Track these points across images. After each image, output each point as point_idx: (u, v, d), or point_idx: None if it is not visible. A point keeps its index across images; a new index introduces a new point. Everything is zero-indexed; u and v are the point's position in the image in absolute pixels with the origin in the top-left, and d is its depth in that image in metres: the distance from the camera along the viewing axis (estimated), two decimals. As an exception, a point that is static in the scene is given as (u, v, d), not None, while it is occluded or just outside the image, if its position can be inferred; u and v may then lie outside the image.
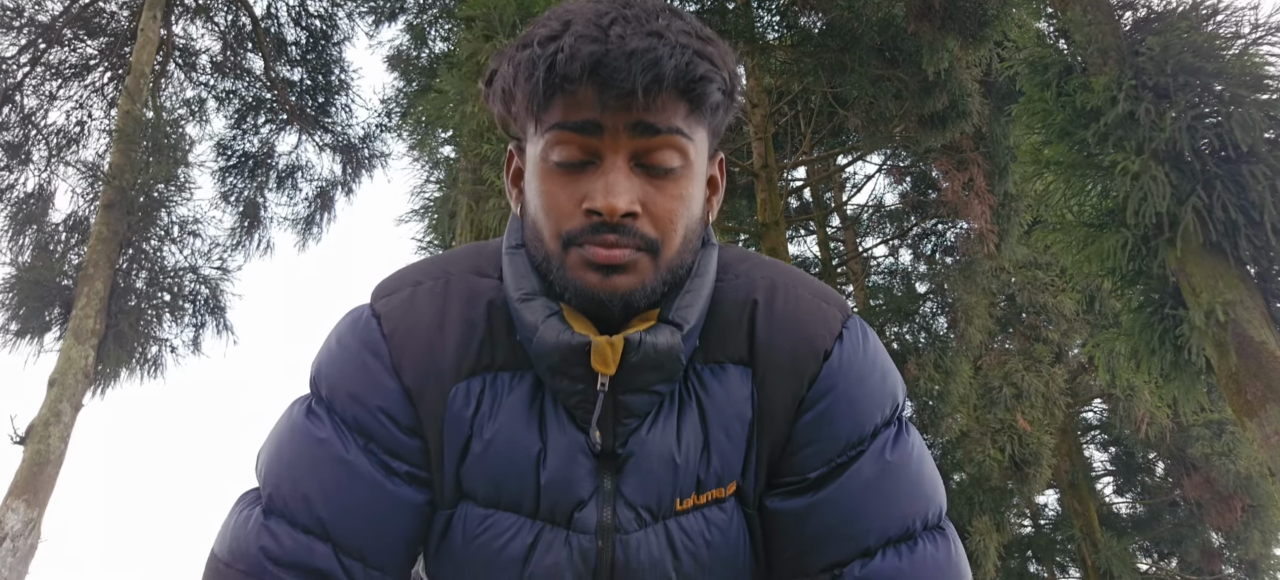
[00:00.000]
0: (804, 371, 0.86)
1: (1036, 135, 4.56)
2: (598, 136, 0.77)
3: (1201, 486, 9.86)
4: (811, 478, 0.87)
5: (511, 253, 0.87)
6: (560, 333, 0.80)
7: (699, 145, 0.82)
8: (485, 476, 0.85)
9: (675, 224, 0.80)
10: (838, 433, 0.86)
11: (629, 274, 0.78)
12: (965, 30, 6.24)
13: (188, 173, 6.75)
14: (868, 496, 0.85)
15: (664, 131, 0.77)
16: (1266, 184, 3.79)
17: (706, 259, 0.87)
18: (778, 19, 7.77)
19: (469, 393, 0.85)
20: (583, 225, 0.78)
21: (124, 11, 8.73)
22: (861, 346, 0.89)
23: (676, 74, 0.75)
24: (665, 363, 0.81)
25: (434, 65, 7.53)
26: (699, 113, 0.80)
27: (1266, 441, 3.69)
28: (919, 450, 0.90)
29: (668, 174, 0.79)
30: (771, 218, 7.48)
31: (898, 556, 0.85)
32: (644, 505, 0.85)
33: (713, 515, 0.87)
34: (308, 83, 9.62)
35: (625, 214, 0.77)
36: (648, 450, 0.84)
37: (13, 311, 6.43)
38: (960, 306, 8.25)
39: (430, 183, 6.24)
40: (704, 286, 0.85)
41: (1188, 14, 4.22)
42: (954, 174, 8.28)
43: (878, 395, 0.88)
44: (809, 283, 0.92)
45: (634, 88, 0.73)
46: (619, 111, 0.75)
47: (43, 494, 5.13)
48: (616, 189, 0.76)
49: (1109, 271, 4.30)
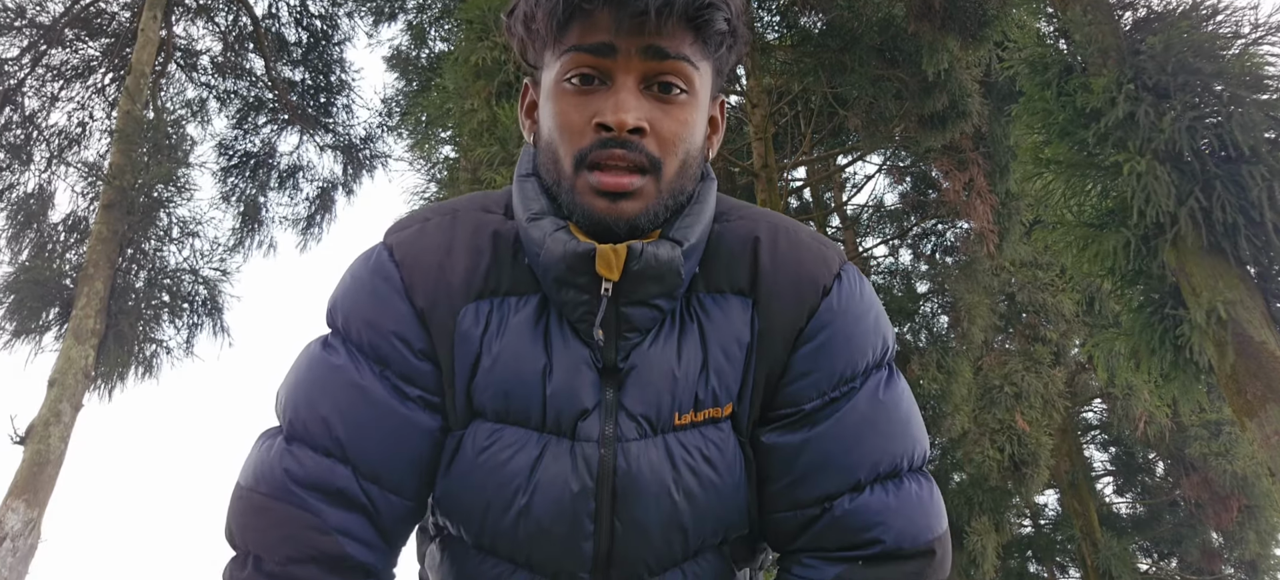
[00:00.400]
0: (804, 303, 0.90)
1: (1037, 135, 4.56)
2: (611, 57, 0.82)
3: (1199, 487, 9.86)
4: (806, 409, 0.90)
5: (522, 180, 0.92)
6: (566, 242, 0.84)
7: (703, 76, 0.87)
8: (493, 390, 0.88)
9: (678, 145, 0.85)
10: (834, 365, 0.90)
11: (634, 200, 0.83)
12: (965, 30, 6.24)
13: (188, 173, 6.75)
14: (862, 431, 0.89)
15: (673, 56, 0.82)
16: (1266, 184, 3.79)
17: (706, 190, 0.92)
18: (778, 19, 7.77)
19: (477, 313, 0.89)
20: (593, 141, 0.83)
21: (125, 12, 8.74)
22: (858, 289, 0.94)
23: (686, 1, 0.80)
24: (666, 274, 0.85)
25: (434, 65, 7.53)
26: (705, 44, 0.85)
27: (1266, 441, 3.69)
28: (908, 395, 0.95)
29: (674, 97, 0.84)
30: (771, 218, 7.47)
31: (886, 492, 0.89)
32: (643, 415, 0.87)
33: (710, 433, 0.90)
34: (309, 83, 9.62)
35: (633, 130, 0.82)
36: (649, 363, 0.88)
37: (13, 311, 6.43)
38: (962, 306, 8.25)
39: (432, 184, 6.25)
40: (704, 212, 0.90)
41: (1188, 14, 4.22)
42: (954, 174, 8.28)
43: (872, 335, 0.93)
44: (807, 229, 0.97)
45: (647, 9, 0.79)
46: (631, 34, 0.81)
47: (43, 494, 5.13)
48: (625, 105, 0.81)
49: (1109, 271, 4.30)
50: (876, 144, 8.50)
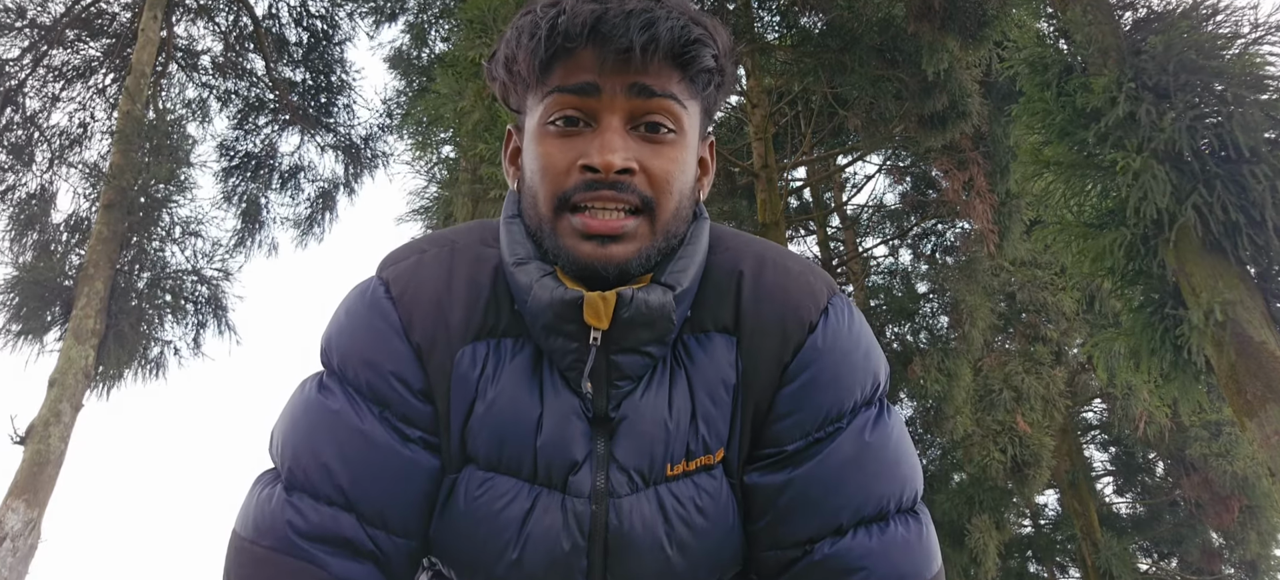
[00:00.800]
0: (789, 340, 0.87)
1: (1036, 135, 4.56)
2: (595, 97, 0.80)
3: (1199, 487, 9.86)
4: (790, 450, 0.87)
5: (508, 222, 0.89)
6: (553, 289, 0.81)
7: (692, 116, 0.85)
8: (487, 437, 0.86)
9: (671, 184, 0.82)
10: (819, 405, 0.87)
11: (625, 243, 0.80)
12: (965, 30, 6.24)
13: (189, 173, 6.75)
14: (845, 474, 0.86)
15: (660, 94, 0.80)
16: (1267, 184, 3.79)
17: (699, 230, 0.89)
18: (778, 19, 7.77)
19: (474, 356, 0.87)
20: (578, 182, 0.80)
21: (125, 13, 8.74)
22: (846, 322, 0.90)
23: (672, 38, 0.78)
24: (657, 321, 0.82)
25: (434, 65, 7.54)
26: (692, 82, 0.83)
27: (1266, 441, 3.69)
28: (898, 432, 0.91)
29: (662, 137, 0.82)
30: (771, 218, 7.48)
31: (868, 536, 0.86)
32: (635, 468, 0.85)
33: (702, 481, 0.87)
34: (309, 83, 9.62)
35: (622, 171, 0.79)
36: (640, 413, 0.85)
37: (13, 311, 6.44)
38: (964, 307, 8.25)
39: (432, 184, 6.25)
40: (697, 254, 0.87)
41: (1188, 14, 4.22)
42: (954, 174, 8.28)
43: (860, 372, 0.89)
44: (797, 259, 0.93)
45: (631, 46, 0.77)
46: (616, 73, 0.79)
47: (43, 494, 5.14)
48: (612, 145, 0.79)
49: (1109, 271, 4.30)
50: (876, 144, 8.50)
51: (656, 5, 0.79)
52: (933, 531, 0.91)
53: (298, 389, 0.91)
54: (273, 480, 0.87)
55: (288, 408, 0.90)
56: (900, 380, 8.42)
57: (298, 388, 0.91)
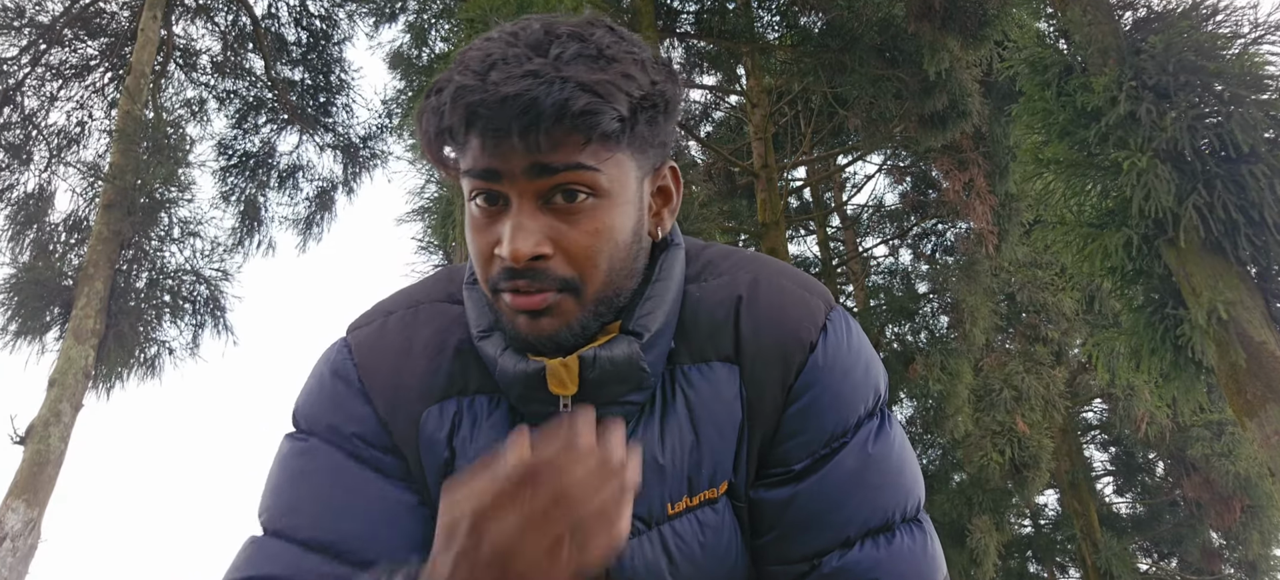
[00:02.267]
0: (791, 362, 0.86)
1: (1037, 135, 4.56)
2: (498, 182, 0.76)
3: (1201, 487, 9.86)
4: (796, 469, 0.87)
5: (469, 287, 0.88)
6: (516, 363, 0.80)
7: (615, 171, 0.78)
8: None
9: (594, 259, 0.78)
10: (823, 424, 0.86)
11: (552, 317, 0.78)
12: (965, 30, 6.23)
13: (188, 172, 6.75)
14: (849, 488, 0.86)
15: (562, 169, 0.74)
16: (1267, 184, 3.79)
17: (669, 262, 0.87)
18: (778, 19, 7.77)
19: (442, 415, 0.86)
20: (499, 271, 0.78)
21: (124, 12, 8.74)
22: (846, 338, 0.89)
23: (557, 112, 0.71)
24: (628, 374, 0.81)
25: (434, 65, 7.53)
26: (609, 139, 0.76)
27: (1267, 442, 3.69)
28: (900, 442, 0.91)
29: (581, 204, 0.76)
30: (771, 218, 7.48)
31: (876, 547, 0.86)
32: (635, 514, 0.84)
33: (705, 517, 0.87)
34: (308, 83, 9.62)
35: (534, 257, 0.75)
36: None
37: (14, 312, 6.43)
38: (964, 307, 8.25)
39: (430, 183, 6.25)
40: (667, 291, 0.84)
41: (1188, 14, 4.22)
42: (954, 174, 8.28)
43: (862, 387, 0.89)
44: (791, 273, 0.92)
45: (511, 134, 0.72)
46: (514, 155, 0.74)
47: (43, 494, 5.13)
48: (519, 233, 0.75)
49: (1109, 271, 4.30)
50: (876, 144, 8.50)
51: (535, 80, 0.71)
52: (936, 540, 0.91)
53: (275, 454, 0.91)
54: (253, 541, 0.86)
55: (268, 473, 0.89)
56: (900, 380, 8.42)
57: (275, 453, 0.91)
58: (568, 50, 0.74)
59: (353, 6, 9.40)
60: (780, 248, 7.41)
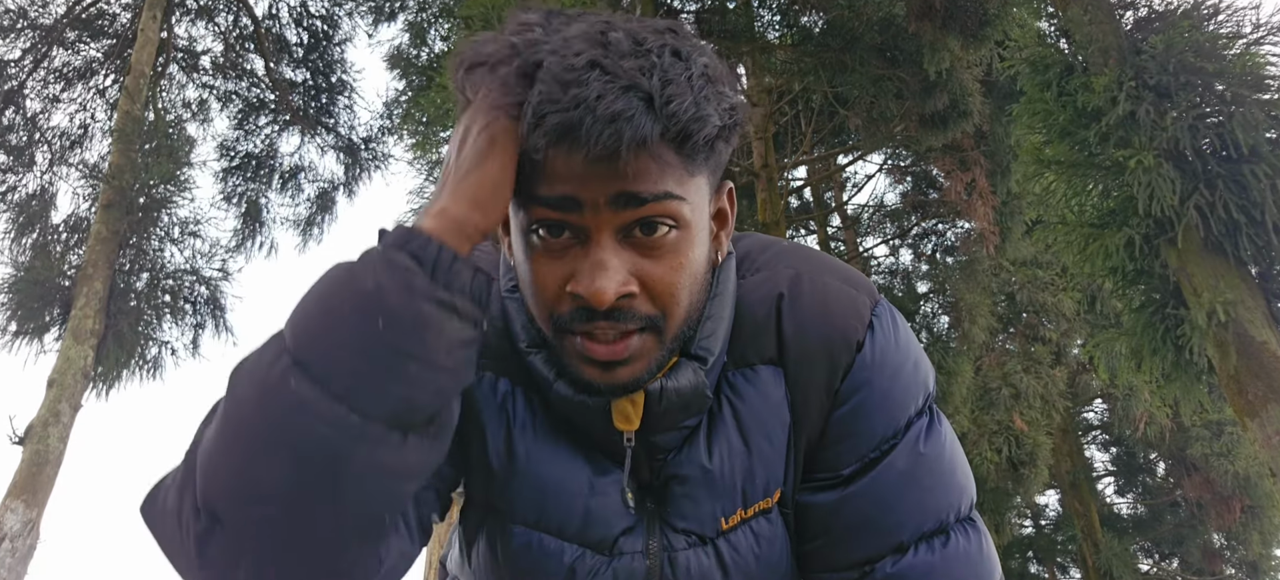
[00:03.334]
0: (837, 364, 0.82)
1: (1038, 135, 4.55)
2: (577, 213, 0.68)
3: (1201, 487, 9.85)
4: (845, 474, 0.83)
5: (509, 296, 0.83)
6: (575, 396, 0.77)
7: (696, 197, 0.72)
8: (528, 497, 0.83)
9: (677, 295, 0.72)
10: (873, 427, 0.82)
11: (631, 365, 0.72)
12: (966, 30, 6.22)
13: (188, 173, 6.75)
14: (902, 489, 0.82)
15: (650, 200, 0.68)
16: (1268, 183, 3.78)
17: (724, 275, 0.82)
18: (778, 18, 7.76)
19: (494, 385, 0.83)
20: (572, 310, 0.71)
21: (126, 14, 8.74)
22: (893, 336, 0.84)
23: (662, 131, 0.65)
24: (692, 402, 0.78)
25: (434, 64, 7.53)
26: (693, 162, 0.70)
27: (1268, 442, 3.68)
28: (951, 441, 0.86)
29: (663, 238, 0.70)
30: (772, 217, 7.47)
31: (931, 551, 0.82)
32: (687, 529, 0.83)
33: (760, 528, 0.84)
34: (309, 83, 9.62)
35: (621, 297, 0.69)
36: (687, 473, 0.82)
37: (13, 312, 6.43)
38: (964, 306, 8.24)
39: (430, 182, 6.24)
40: (725, 307, 0.81)
41: (1189, 13, 4.21)
42: (955, 173, 8.27)
43: (911, 386, 0.84)
44: (834, 268, 0.86)
45: (611, 155, 0.64)
46: (599, 182, 0.66)
47: (42, 494, 5.13)
48: (603, 271, 0.68)
49: (1110, 271, 4.29)
50: (877, 143, 8.49)
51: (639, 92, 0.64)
52: (990, 540, 0.87)
53: None
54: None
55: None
56: (901, 380, 8.40)
57: None
58: (663, 60, 0.66)
59: (352, 5, 9.39)
60: (781, 248, 7.39)
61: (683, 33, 0.71)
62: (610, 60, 0.64)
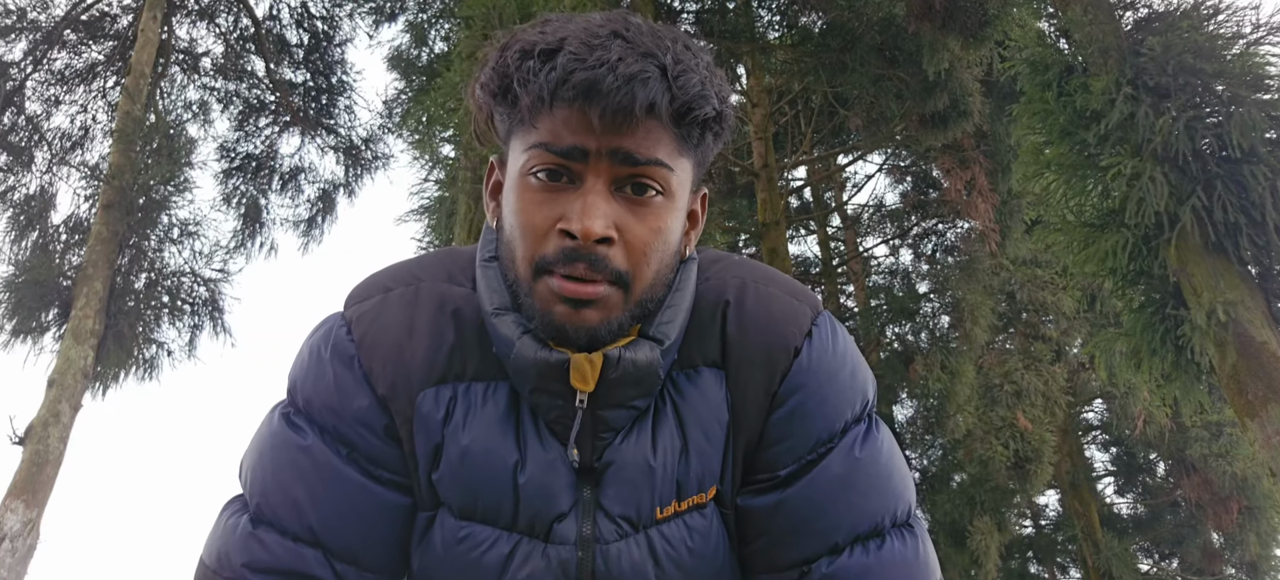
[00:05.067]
0: (775, 367, 0.86)
1: (1037, 135, 4.55)
2: (581, 162, 0.76)
3: (1200, 487, 9.85)
4: (782, 475, 0.86)
5: (485, 266, 0.87)
6: (537, 350, 0.80)
7: (681, 177, 0.80)
8: (461, 486, 0.85)
9: (649, 256, 0.79)
10: (809, 429, 0.86)
11: (598, 309, 0.77)
12: (966, 30, 6.23)
13: (188, 174, 6.75)
14: (836, 493, 0.85)
15: (644, 162, 0.76)
16: (1267, 184, 3.78)
17: (686, 274, 0.87)
18: (778, 18, 7.77)
19: (438, 398, 0.85)
20: (557, 249, 0.77)
21: (127, 16, 8.74)
22: (831, 343, 0.88)
23: (670, 100, 0.74)
24: (645, 378, 0.81)
25: (434, 65, 7.53)
26: (685, 143, 0.79)
27: (1268, 442, 3.68)
28: (889, 447, 0.90)
29: (648, 200, 0.78)
30: (772, 217, 7.47)
31: (866, 553, 0.85)
32: (623, 516, 0.85)
33: (693, 521, 0.87)
34: (310, 84, 9.62)
35: (600, 240, 0.75)
36: (625, 460, 0.85)
37: (13, 312, 6.43)
38: (965, 306, 8.24)
39: (429, 182, 6.25)
40: (684, 300, 0.85)
41: (1189, 14, 4.21)
42: (955, 173, 8.27)
43: (848, 392, 0.88)
44: (780, 280, 0.91)
45: (624, 111, 0.72)
46: (605, 136, 0.74)
47: (42, 494, 5.13)
48: (593, 211, 0.75)
49: (1110, 271, 4.29)
50: (877, 143, 8.49)
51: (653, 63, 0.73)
52: (929, 544, 0.90)
53: (267, 418, 0.90)
54: (240, 510, 0.87)
55: (257, 437, 0.89)
56: (901, 380, 8.42)
57: (267, 417, 0.90)
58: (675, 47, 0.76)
59: (353, 6, 9.39)
60: (781, 248, 7.41)
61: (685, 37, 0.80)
62: (631, 35, 0.74)
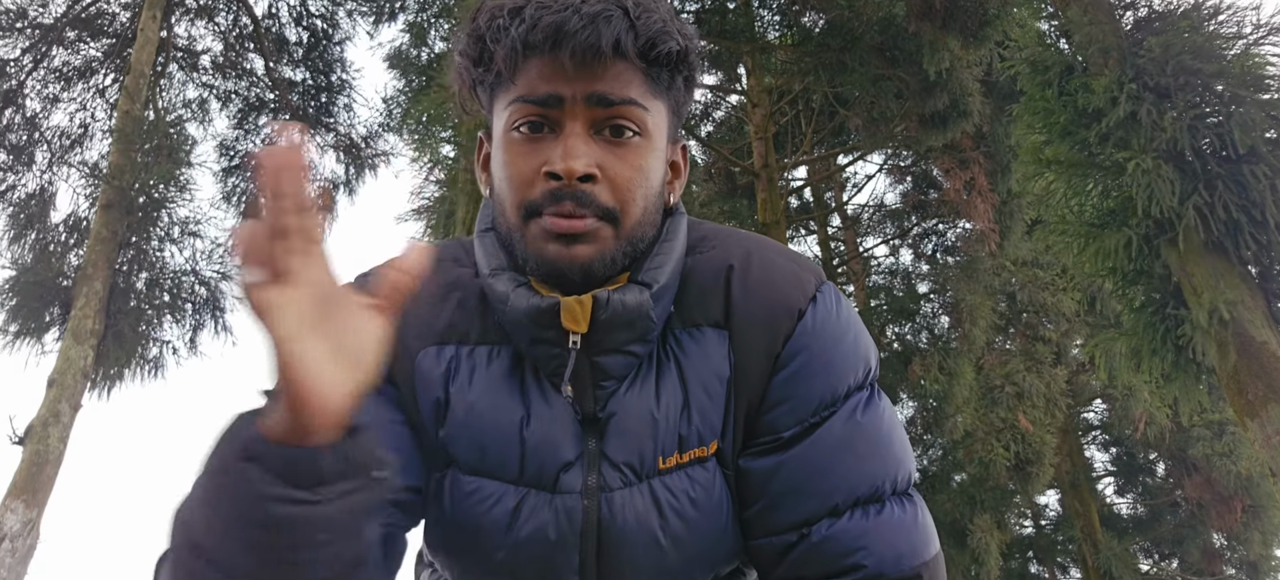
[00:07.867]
0: (779, 330, 0.88)
1: (1038, 135, 4.55)
2: (558, 109, 0.81)
3: (1202, 487, 9.84)
4: (784, 436, 0.87)
5: (481, 235, 0.90)
6: (529, 297, 0.83)
7: (656, 117, 0.85)
8: (469, 442, 0.86)
9: (633, 191, 0.83)
10: (811, 391, 0.87)
11: (589, 243, 0.81)
12: (966, 30, 6.23)
13: (188, 173, 6.75)
14: (837, 455, 0.86)
15: (618, 102, 0.81)
16: (1267, 184, 3.78)
17: (675, 226, 0.90)
18: (778, 19, 7.76)
19: (439, 356, 0.88)
20: (543, 191, 0.81)
21: (125, 14, 8.74)
22: (835, 309, 0.91)
23: (634, 37, 0.79)
24: (636, 321, 0.83)
25: (434, 64, 7.53)
26: (656, 83, 0.84)
27: (1268, 442, 3.68)
28: (890, 416, 0.91)
29: (626, 140, 0.82)
30: (772, 217, 7.47)
31: (865, 517, 0.85)
32: (627, 463, 0.86)
33: (696, 474, 0.88)
34: (309, 83, 9.62)
35: (583, 178, 0.80)
36: (627, 409, 0.86)
37: (13, 312, 6.43)
38: (965, 306, 8.24)
39: (430, 182, 6.25)
40: (674, 250, 0.88)
41: (1189, 14, 4.21)
42: (955, 173, 8.27)
43: (851, 357, 0.89)
44: (784, 250, 0.94)
45: (592, 49, 0.77)
46: (577, 81, 0.79)
47: (42, 494, 5.13)
48: (574, 152, 0.80)
49: (1110, 271, 4.29)
50: (877, 143, 8.49)
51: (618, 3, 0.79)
52: (928, 514, 0.90)
53: None
54: None
55: None
56: (901, 380, 8.41)
57: None
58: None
59: (352, 6, 9.39)
60: (781, 248, 7.39)
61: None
62: None
